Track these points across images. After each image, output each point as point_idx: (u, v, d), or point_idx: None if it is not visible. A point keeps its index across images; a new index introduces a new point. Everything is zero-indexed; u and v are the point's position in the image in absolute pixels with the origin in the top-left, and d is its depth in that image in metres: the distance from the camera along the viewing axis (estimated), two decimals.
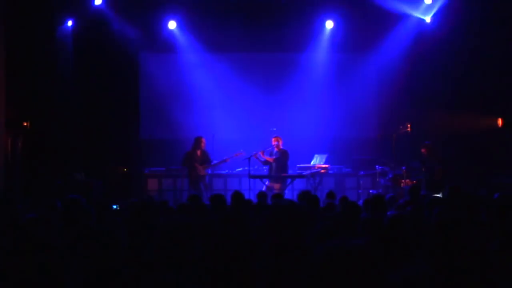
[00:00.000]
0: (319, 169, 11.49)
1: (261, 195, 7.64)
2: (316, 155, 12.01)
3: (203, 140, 11.11)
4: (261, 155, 10.97)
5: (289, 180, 11.04)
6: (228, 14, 12.69)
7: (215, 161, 11.18)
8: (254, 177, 10.96)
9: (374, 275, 1.78)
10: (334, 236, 3.39)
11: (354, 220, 4.59)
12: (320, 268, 1.81)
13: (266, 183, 10.95)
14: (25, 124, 11.83)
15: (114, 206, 7.79)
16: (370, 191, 11.42)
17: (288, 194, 10.93)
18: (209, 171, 12.18)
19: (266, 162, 11.06)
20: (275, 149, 10.99)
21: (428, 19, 12.87)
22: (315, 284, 1.80)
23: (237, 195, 6.65)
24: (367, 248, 1.83)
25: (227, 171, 12.38)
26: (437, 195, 7.77)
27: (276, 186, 10.79)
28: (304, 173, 11.37)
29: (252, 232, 3.99)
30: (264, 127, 12.05)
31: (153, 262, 3.19)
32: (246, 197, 7.56)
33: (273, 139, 11.05)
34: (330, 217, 5.08)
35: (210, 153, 11.32)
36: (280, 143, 10.99)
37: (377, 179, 11.52)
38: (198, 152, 11.01)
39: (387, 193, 10.51)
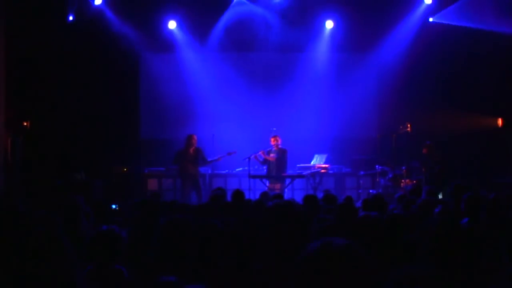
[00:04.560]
0: (319, 169, 11.49)
1: (264, 195, 7.64)
2: (316, 155, 12.00)
3: (195, 137, 11.07)
4: (262, 154, 10.96)
5: (289, 180, 11.03)
6: (227, 14, 12.70)
7: (209, 159, 11.17)
8: (254, 177, 10.95)
9: (357, 276, 1.76)
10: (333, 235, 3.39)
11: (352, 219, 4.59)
12: (301, 269, 1.79)
13: (267, 184, 10.94)
14: (25, 124, 11.85)
15: (114, 206, 7.80)
16: (370, 191, 11.42)
17: (288, 194, 10.93)
18: (209, 171, 12.17)
19: (265, 162, 11.05)
20: (274, 148, 10.99)
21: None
22: (299, 285, 1.78)
23: (238, 194, 6.64)
24: (349, 248, 1.80)
25: (227, 171, 12.37)
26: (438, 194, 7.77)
27: (277, 186, 10.78)
28: (304, 173, 11.36)
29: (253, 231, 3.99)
30: (264, 127, 12.04)
31: (154, 262, 3.19)
32: (246, 197, 7.55)
33: (271, 139, 11.04)
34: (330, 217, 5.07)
35: (207, 152, 11.29)
36: (279, 142, 11.00)
37: (377, 179, 11.52)
38: (191, 150, 10.98)
39: (387, 193, 10.52)
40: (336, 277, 1.72)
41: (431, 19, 12.89)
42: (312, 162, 11.85)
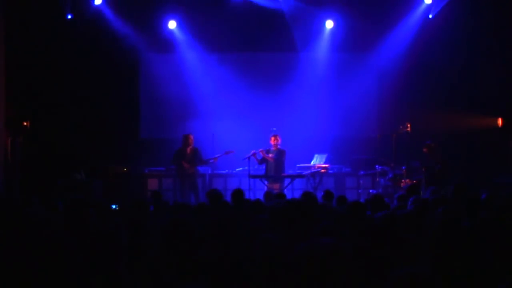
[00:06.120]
0: (319, 169, 11.48)
1: (267, 195, 7.64)
2: (316, 155, 12.00)
3: (191, 137, 11.14)
4: (261, 153, 10.95)
5: (288, 180, 11.03)
6: (228, 14, 12.71)
7: (205, 159, 11.20)
8: (254, 177, 10.95)
9: (344, 275, 1.75)
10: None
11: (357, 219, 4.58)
12: (291, 268, 1.79)
13: (266, 183, 10.94)
14: (25, 124, 11.85)
15: (114, 206, 7.80)
16: (370, 191, 11.41)
17: (288, 194, 10.92)
18: (209, 171, 12.17)
19: (262, 161, 11.04)
20: (273, 148, 10.99)
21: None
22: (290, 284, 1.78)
23: (238, 194, 6.62)
24: (336, 248, 1.79)
25: (227, 170, 12.37)
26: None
27: (276, 186, 10.79)
28: (304, 173, 11.36)
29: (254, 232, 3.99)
30: (264, 127, 12.03)
31: (153, 262, 3.19)
32: (246, 196, 7.55)
33: (271, 138, 11.05)
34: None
35: (207, 152, 11.29)
36: (279, 141, 11.00)
37: (377, 179, 11.51)
38: (188, 150, 11.04)
39: (387, 193, 10.52)
40: (323, 276, 1.72)
41: (430, 16, 12.89)
42: (312, 162, 11.85)
